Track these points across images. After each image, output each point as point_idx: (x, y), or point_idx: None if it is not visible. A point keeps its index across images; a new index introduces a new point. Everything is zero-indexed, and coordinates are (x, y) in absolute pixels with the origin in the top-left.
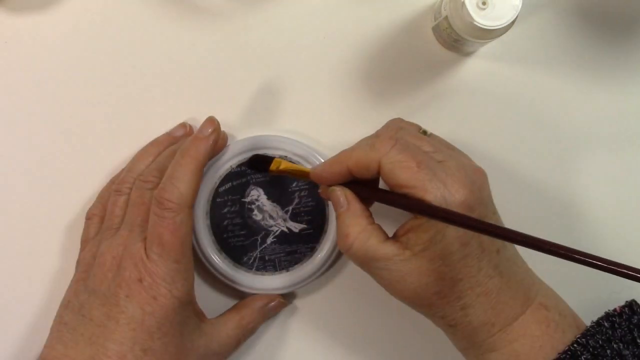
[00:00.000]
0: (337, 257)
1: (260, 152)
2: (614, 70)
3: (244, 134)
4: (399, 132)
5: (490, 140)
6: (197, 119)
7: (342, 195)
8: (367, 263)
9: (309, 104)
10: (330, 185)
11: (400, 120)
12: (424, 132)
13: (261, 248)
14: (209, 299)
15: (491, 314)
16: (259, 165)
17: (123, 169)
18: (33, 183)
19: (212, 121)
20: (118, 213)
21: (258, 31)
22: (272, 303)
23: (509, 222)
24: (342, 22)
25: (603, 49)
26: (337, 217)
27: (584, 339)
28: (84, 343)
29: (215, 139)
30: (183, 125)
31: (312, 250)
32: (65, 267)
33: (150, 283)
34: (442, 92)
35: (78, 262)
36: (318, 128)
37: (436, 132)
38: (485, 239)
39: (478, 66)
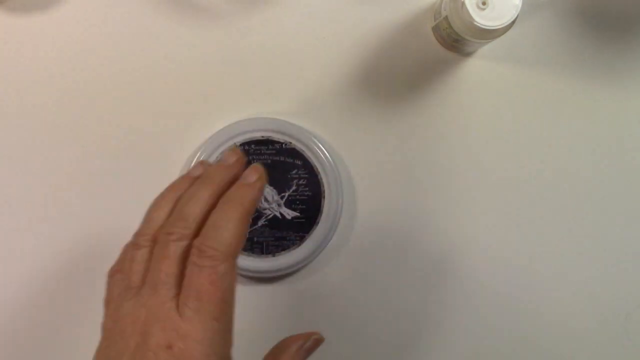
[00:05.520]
0: (324, 249)
1: (265, 134)
2: (613, 69)
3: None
4: None
5: (489, 140)
6: (197, 118)
7: None
8: None
9: (308, 104)
10: None
11: None
12: None
13: (251, 229)
14: None
15: None
16: None
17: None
18: (33, 181)
19: (257, 168)
20: (137, 269)
21: (258, 31)
22: (308, 343)
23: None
24: (342, 22)
25: (603, 48)
26: None
27: None
28: None
29: (261, 187)
30: (201, 163)
31: (301, 239)
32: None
33: (182, 349)
34: (442, 92)
35: (102, 326)
36: (318, 128)
37: (436, 133)
38: None
39: (478, 66)
